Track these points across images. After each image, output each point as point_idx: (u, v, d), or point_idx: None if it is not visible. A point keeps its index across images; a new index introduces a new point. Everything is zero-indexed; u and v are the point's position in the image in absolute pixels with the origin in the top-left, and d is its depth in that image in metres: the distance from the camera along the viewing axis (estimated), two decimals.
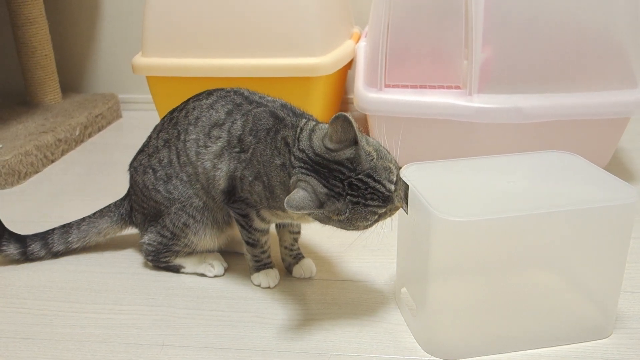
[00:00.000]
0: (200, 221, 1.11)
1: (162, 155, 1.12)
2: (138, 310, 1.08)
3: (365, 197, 0.87)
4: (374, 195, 0.87)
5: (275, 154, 0.97)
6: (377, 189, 0.87)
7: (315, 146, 0.90)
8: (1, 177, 1.62)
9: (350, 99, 2.18)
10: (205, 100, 1.10)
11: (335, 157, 0.88)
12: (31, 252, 1.22)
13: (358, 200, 0.87)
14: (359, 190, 0.86)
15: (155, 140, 1.16)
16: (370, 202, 0.87)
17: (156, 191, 1.12)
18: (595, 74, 1.45)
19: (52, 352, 0.98)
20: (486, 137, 1.48)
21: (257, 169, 1.00)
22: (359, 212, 0.87)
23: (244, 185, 1.02)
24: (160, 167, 1.12)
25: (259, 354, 0.95)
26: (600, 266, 0.93)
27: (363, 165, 0.87)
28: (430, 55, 1.53)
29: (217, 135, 1.05)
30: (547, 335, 0.95)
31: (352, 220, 0.89)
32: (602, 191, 0.92)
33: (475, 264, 0.89)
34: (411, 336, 0.98)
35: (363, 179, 0.86)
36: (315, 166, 0.89)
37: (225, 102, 1.08)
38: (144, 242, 1.17)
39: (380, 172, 0.87)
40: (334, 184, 0.87)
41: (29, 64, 2.05)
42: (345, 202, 0.87)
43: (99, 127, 2.11)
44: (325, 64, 1.51)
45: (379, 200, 0.88)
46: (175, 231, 1.12)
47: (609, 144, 1.52)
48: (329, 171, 0.88)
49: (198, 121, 1.08)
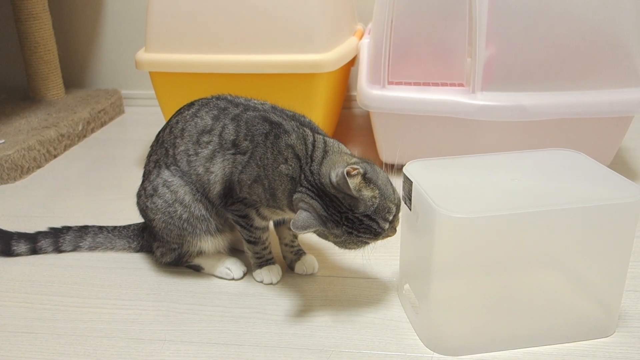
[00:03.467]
0: (193, 232, 1.09)
1: (153, 176, 1.12)
2: (140, 306, 1.08)
3: (359, 230, 0.93)
4: (367, 230, 0.93)
5: (281, 160, 0.97)
6: (371, 226, 0.93)
7: (322, 174, 0.93)
8: (4, 171, 1.62)
9: (353, 96, 2.18)
10: (187, 112, 1.11)
11: (336, 193, 0.92)
12: (39, 248, 1.24)
13: (352, 232, 0.93)
14: (353, 224, 0.92)
15: (147, 165, 1.17)
16: (363, 235, 0.93)
17: (149, 209, 1.12)
18: (599, 72, 1.44)
19: (55, 346, 0.98)
20: (489, 134, 1.48)
21: (256, 172, 1.00)
22: (352, 240, 0.94)
23: (243, 187, 1.02)
24: (149, 184, 1.12)
25: (260, 350, 0.95)
26: (603, 264, 0.92)
27: (360, 209, 0.91)
28: (433, 53, 1.53)
29: (207, 140, 1.05)
30: (550, 333, 0.95)
31: (346, 243, 0.95)
32: (606, 189, 0.92)
33: (478, 261, 0.89)
34: (413, 333, 0.98)
35: (359, 217, 0.92)
36: (320, 192, 0.93)
37: (209, 108, 1.08)
38: (158, 258, 1.18)
39: (378, 212, 0.92)
40: (332, 213, 0.93)
41: (32, 59, 2.05)
42: (342, 230, 0.93)
43: (101, 122, 2.11)
44: (329, 60, 1.51)
45: (371, 235, 0.94)
46: (175, 241, 1.12)
47: (612, 143, 1.52)
48: (330, 201, 0.93)
49: (184, 132, 1.08)
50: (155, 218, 1.10)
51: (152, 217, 1.11)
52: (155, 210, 1.10)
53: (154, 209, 1.10)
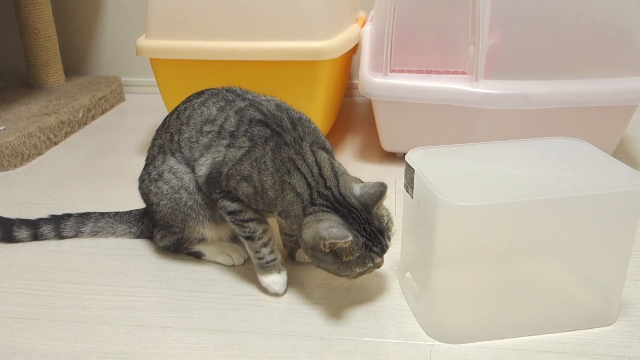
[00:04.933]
0: (196, 218, 1.09)
1: (158, 161, 1.12)
2: (141, 293, 1.08)
3: (374, 242, 0.95)
4: (378, 244, 0.95)
5: (284, 171, 0.97)
6: (381, 242, 0.96)
7: (341, 186, 0.96)
8: (4, 158, 1.61)
9: (355, 84, 2.17)
10: (196, 100, 1.10)
11: (356, 205, 0.94)
12: (41, 234, 1.24)
13: (368, 244, 0.94)
14: (370, 236, 0.94)
15: (151, 150, 1.16)
16: (375, 248, 0.95)
17: (153, 193, 1.12)
18: (602, 61, 1.43)
19: (56, 332, 0.98)
20: (492, 123, 1.47)
21: (248, 172, 0.99)
22: (364, 255, 0.94)
23: (230, 181, 1.01)
24: (153, 169, 1.12)
25: (261, 337, 0.95)
26: (605, 253, 0.92)
27: (375, 224, 0.95)
28: (436, 40, 1.52)
29: (208, 130, 1.05)
30: (551, 321, 0.94)
31: (353, 263, 0.94)
32: (609, 178, 0.92)
33: (480, 249, 0.89)
34: (414, 321, 0.98)
35: (375, 231, 0.95)
36: (336, 204, 0.94)
37: (217, 99, 1.08)
38: (157, 241, 1.18)
39: (385, 231, 0.96)
40: (352, 223, 0.93)
41: (31, 45, 2.04)
42: (362, 242, 0.93)
43: (102, 109, 2.10)
44: (330, 47, 1.50)
45: (380, 251, 0.96)
46: (178, 225, 1.12)
47: (615, 132, 1.51)
48: (348, 212, 0.94)
49: (190, 120, 1.08)
50: (160, 203, 1.10)
51: (156, 201, 1.11)
52: (160, 196, 1.10)
53: (158, 193, 1.10)
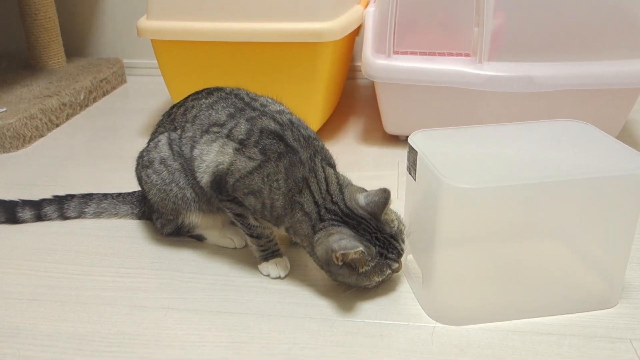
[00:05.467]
0: (187, 209, 1.09)
1: (151, 145, 1.12)
2: (143, 274, 1.08)
3: (388, 249, 0.95)
4: (393, 250, 0.95)
5: (295, 191, 0.96)
6: (396, 247, 0.96)
7: (347, 199, 0.96)
8: (6, 140, 1.61)
9: (357, 66, 2.15)
10: (204, 100, 1.09)
11: (364, 215, 0.94)
12: (44, 214, 1.25)
13: (382, 252, 0.94)
14: (383, 244, 0.94)
15: (154, 134, 1.16)
16: (390, 255, 0.95)
17: (144, 181, 1.12)
18: (608, 43, 1.42)
19: (59, 313, 0.98)
20: (496, 105, 1.46)
21: (258, 187, 0.97)
22: (380, 264, 0.94)
23: (237, 191, 1.00)
24: (147, 154, 1.12)
25: (263, 318, 0.96)
26: (608, 236, 0.92)
27: (386, 230, 0.95)
28: (440, 22, 1.51)
29: (215, 131, 1.03)
30: (553, 304, 0.95)
31: (370, 273, 0.94)
32: (613, 160, 0.91)
33: (483, 231, 0.89)
34: (416, 303, 0.98)
35: (387, 238, 0.94)
36: (345, 217, 0.94)
37: (227, 104, 1.06)
38: (159, 229, 1.18)
39: (398, 235, 0.96)
40: (363, 234, 0.93)
41: (32, 26, 2.02)
42: (376, 251, 0.93)
43: (103, 91, 2.09)
44: (333, 29, 1.48)
45: (396, 256, 0.96)
46: (171, 213, 1.12)
47: (620, 115, 1.50)
48: (358, 223, 0.94)
49: (196, 119, 1.06)
50: (150, 192, 1.11)
51: (147, 189, 1.12)
52: (150, 185, 1.10)
53: (148, 182, 1.10)
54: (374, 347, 0.89)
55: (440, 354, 0.88)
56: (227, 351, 0.89)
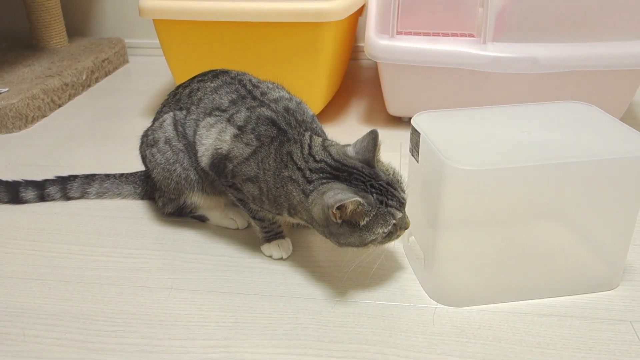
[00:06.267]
0: (190, 189, 1.09)
1: (156, 124, 1.12)
2: (146, 254, 1.09)
3: (387, 196, 0.89)
4: (393, 198, 0.90)
5: (282, 166, 0.94)
6: (395, 194, 0.90)
7: (333, 153, 0.92)
8: (9, 120, 1.61)
9: (360, 47, 2.14)
10: (210, 83, 1.08)
11: (354, 164, 0.91)
12: (47, 194, 1.25)
13: (382, 199, 0.89)
14: (381, 191, 0.89)
15: (159, 114, 1.16)
16: (391, 202, 0.89)
17: (148, 159, 1.12)
18: (613, 24, 1.40)
19: (63, 293, 0.99)
20: (500, 86, 1.45)
21: (254, 172, 0.97)
22: (382, 213, 0.88)
23: (236, 177, 1.00)
24: (152, 133, 1.12)
25: (265, 298, 0.96)
26: (611, 218, 0.92)
27: (382, 177, 0.90)
28: (444, 2, 1.49)
29: (217, 115, 1.03)
30: (554, 285, 0.95)
31: (373, 224, 0.89)
32: (617, 142, 0.91)
33: (486, 213, 0.89)
34: (418, 284, 0.99)
35: (383, 185, 0.90)
36: (334, 172, 0.90)
37: (230, 89, 1.06)
38: (161, 208, 1.19)
39: (395, 183, 0.91)
40: (356, 184, 0.89)
41: (34, 6, 2.01)
42: (374, 199, 0.88)
43: (105, 72, 2.08)
44: (336, 8, 1.47)
45: (397, 204, 0.90)
46: (173, 192, 1.12)
47: (624, 96, 1.49)
48: (349, 174, 0.90)
49: (200, 102, 1.07)
50: (154, 170, 1.11)
51: (151, 168, 1.12)
52: (154, 163, 1.10)
53: (152, 161, 1.11)
54: (376, 327, 0.90)
55: (442, 334, 0.88)
56: (230, 331, 0.90)
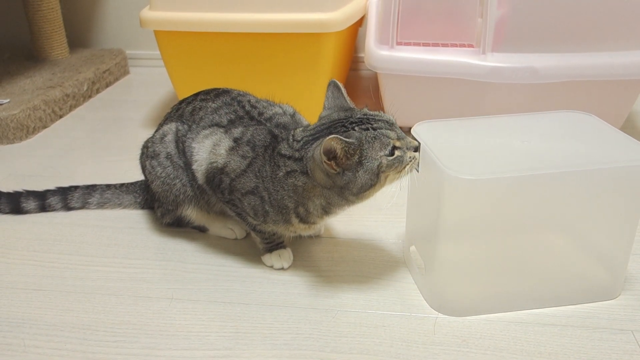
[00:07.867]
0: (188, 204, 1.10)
1: (157, 136, 1.13)
2: (147, 265, 1.09)
3: (370, 123, 0.90)
4: (376, 122, 0.90)
5: (276, 168, 0.95)
6: (377, 119, 0.91)
7: (310, 127, 0.95)
8: (10, 131, 1.61)
9: (360, 57, 2.14)
10: (211, 104, 1.10)
11: (329, 118, 0.93)
12: (48, 205, 1.26)
13: (367, 127, 0.89)
14: (361, 120, 0.90)
15: (161, 126, 1.16)
16: (377, 125, 0.89)
17: (148, 171, 1.13)
18: (612, 34, 1.41)
19: (64, 303, 0.99)
20: (499, 96, 1.46)
21: (254, 183, 0.98)
22: (372, 137, 0.87)
23: (234, 193, 1.00)
24: (152, 145, 1.13)
25: (266, 308, 0.96)
26: (611, 227, 0.92)
27: (356, 113, 0.92)
28: (443, 12, 1.50)
29: (214, 130, 1.05)
30: (555, 295, 0.95)
31: (370, 151, 0.87)
32: (616, 152, 0.91)
33: (486, 222, 0.89)
34: (419, 293, 0.99)
35: (361, 118, 0.91)
36: (316, 135, 0.92)
37: (229, 110, 1.08)
38: (159, 219, 1.19)
39: (374, 114, 0.92)
40: (338, 129, 0.90)
41: (35, 17, 2.02)
42: (358, 134, 0.88)
43: (106, 83, 2.09)
44: (336, 19, 1.48)
45: (385, 125, 0.90)
46: (171, 204, 1.12)
47: (623, 106, 1.50)
48: (328, 129, 0.92)
49: (201, 121, 1.08)
50: (154, 182, 1.12)
51: (150, 179, 1.13)
52: (154, 176, 1.11)
53: (152, 173, 1.11)
54: (377, 337, 0.90)
55: (443, 344, 0.88)
56: (231, 341, 0.90)
